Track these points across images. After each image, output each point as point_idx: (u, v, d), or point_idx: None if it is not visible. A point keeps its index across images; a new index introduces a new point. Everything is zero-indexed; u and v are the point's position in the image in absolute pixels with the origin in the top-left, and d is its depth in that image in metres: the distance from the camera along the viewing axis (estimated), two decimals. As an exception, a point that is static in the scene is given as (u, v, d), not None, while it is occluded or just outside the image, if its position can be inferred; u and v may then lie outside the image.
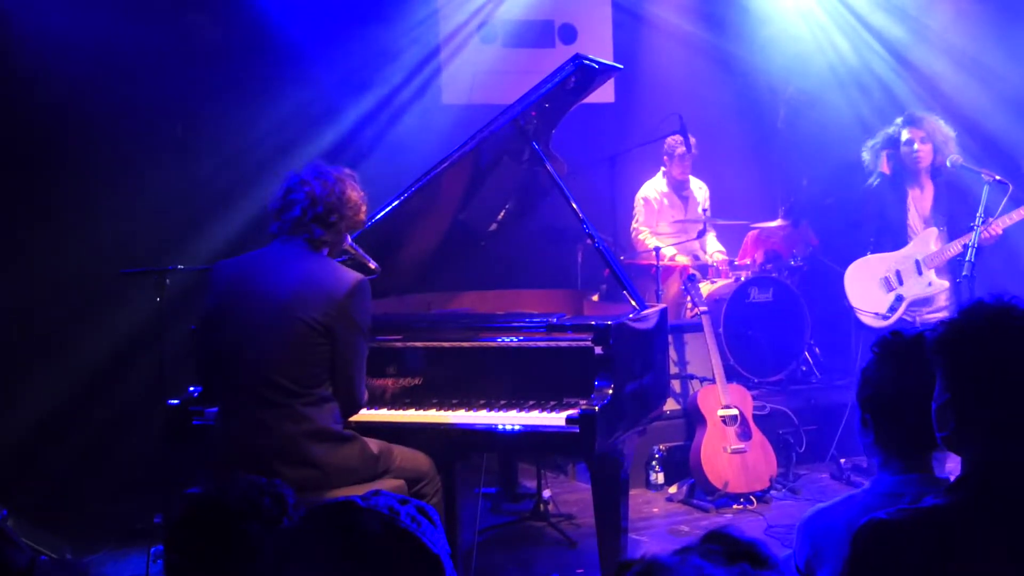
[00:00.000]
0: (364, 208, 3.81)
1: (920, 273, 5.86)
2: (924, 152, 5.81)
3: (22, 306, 5.78)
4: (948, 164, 5.59)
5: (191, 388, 4.11)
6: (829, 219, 7.46)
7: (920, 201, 5.96)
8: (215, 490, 2.14)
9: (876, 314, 5.91)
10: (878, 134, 6.03)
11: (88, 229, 6.24)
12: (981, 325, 1.93)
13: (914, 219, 5.96)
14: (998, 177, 5.35)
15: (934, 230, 5.88)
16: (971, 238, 5.27)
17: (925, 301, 5.90)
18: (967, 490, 1.91)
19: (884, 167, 6.01)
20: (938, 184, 5.92)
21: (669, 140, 7.38)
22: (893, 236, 6.00)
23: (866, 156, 6.04)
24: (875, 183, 6.02)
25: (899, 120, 5.95)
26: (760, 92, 8.70)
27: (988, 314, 1.94)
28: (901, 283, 5.91)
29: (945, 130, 5.83)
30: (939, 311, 5.84)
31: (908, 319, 5.90)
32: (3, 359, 5.87)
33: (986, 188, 5.32)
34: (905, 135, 5.85)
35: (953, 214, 5.86)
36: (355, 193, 3.75)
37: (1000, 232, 5.45)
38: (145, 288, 5.02)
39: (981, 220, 5.23)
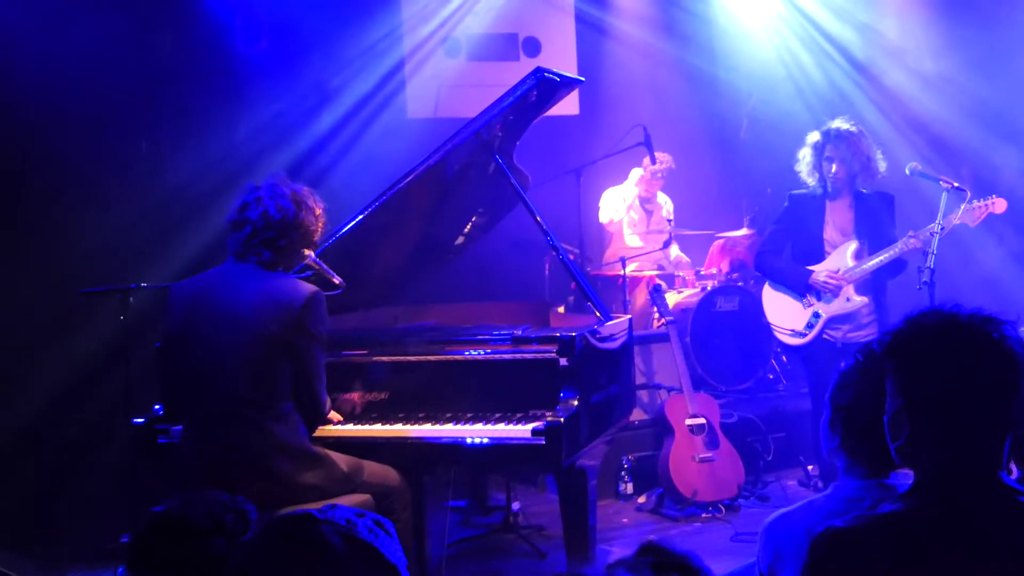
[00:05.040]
0: (319, 227, 3.80)
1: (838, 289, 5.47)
2: (840, 171, 5.43)
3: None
4: (907, 171, 5.53)
5: (156, 406, 4.08)
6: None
7: (839, 214, 5.57)
8: (177, 507, 2.14)
9: (792, 331, 5.57)
10: (804, 148, 5.56)
11: (52, 248, 6.19)
12: (932, 327, 1.94)
13: (831, 233, 5.56)
14: (956, 184, 5.38)
15: (853, 242, 5.49)
16: (932, 244, 5.20)
17: (846, 318, 5.47)
18: (922, 496, 1.91)
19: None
20: (859, 198, 5.53)
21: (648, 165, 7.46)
22: (809, 250, 5.60)
23: (803, 170, 5.59)
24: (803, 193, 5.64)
25: (818, 134, 5.52)
26: (723, 103, 8.80)
27: (936, 318, 1.95)
28: (819, 299, 5.51)
29: (867, 147, 5.46)
30: (862, 329, 5.46)
31: (829, 338, 5.50)
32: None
33: (944, 195, 5.33)
34: (826, 151, 5.45)
35: (874, 229, 5.48)
36: (309, 216, 3.72)
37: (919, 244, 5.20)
38: (109, 307, 4.99)
39: (940, 227, 5.24)
